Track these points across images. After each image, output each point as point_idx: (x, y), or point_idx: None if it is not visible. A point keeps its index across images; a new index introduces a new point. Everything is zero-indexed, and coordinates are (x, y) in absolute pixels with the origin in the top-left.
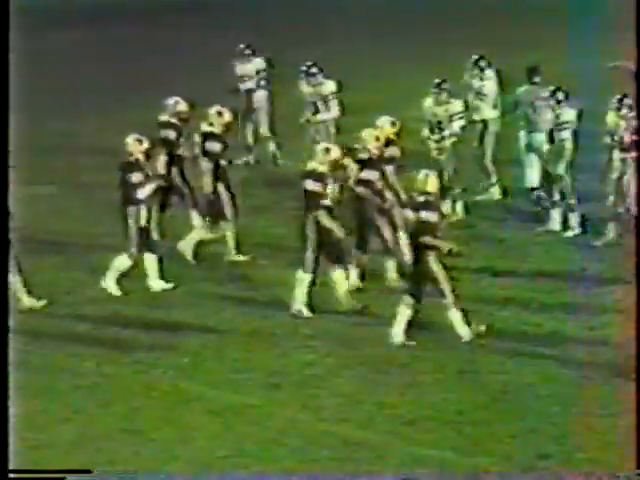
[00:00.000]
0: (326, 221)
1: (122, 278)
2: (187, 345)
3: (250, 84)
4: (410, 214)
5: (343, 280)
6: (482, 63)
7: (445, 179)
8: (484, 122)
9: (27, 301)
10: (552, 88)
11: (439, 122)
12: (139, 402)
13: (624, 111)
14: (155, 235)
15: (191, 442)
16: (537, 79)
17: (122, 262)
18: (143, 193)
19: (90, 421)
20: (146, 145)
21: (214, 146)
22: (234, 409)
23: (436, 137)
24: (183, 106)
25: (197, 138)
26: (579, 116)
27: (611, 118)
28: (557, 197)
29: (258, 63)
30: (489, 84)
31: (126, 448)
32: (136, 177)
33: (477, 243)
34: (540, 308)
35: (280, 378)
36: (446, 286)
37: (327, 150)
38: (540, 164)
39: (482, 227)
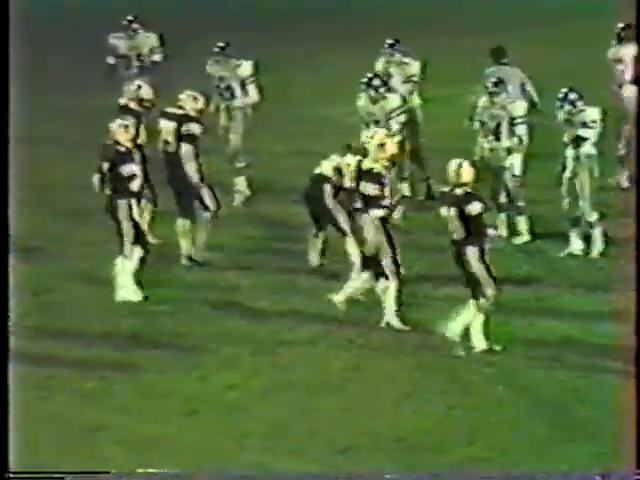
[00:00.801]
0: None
1: None
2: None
3: None
4: (446, 211)
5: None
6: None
7: None
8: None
9: None
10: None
11: (376, 122)
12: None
13: (567, 107)
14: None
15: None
16: (504, 60)
17: (126, 265)
18: (136, 186)
19: None
20: (133, 132)
21: (193, 128)
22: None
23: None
24: (146, 91)
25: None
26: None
27: (560, 114)
28: (503, 199)
29: None
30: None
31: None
32: (128, 169)
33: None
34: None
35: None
36: (488, 285)
37: (382, 145)
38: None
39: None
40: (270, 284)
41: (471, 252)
